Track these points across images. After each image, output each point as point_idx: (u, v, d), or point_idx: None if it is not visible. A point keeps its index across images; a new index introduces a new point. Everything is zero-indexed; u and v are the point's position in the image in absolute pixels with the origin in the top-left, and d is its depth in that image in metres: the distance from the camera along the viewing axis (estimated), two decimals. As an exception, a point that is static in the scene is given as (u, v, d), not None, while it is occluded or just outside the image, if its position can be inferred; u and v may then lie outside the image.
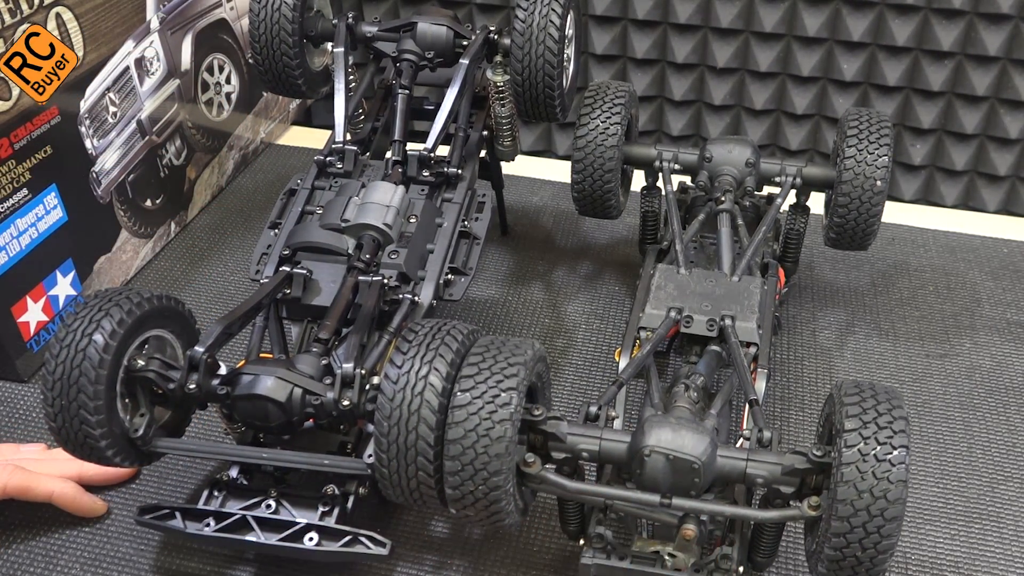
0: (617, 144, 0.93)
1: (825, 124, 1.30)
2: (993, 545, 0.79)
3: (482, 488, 0.61)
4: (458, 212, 0.87)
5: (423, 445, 0.62)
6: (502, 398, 0.61)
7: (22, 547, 0.77)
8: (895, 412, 0.61)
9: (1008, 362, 0.97)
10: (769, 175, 0.95)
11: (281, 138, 1.35)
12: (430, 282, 0.81)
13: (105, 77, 0.97)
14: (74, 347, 0.65)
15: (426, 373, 0.63)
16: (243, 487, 0.72)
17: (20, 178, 0.88)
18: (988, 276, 1.09)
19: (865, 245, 0.95)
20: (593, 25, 1.29)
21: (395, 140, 0.91)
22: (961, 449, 0.88)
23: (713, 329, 0.80)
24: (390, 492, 0.66)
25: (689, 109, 1.33)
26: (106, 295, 0.68)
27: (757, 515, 0.63)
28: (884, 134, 0.91)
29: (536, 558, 0.78)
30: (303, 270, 0.80)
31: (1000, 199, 1.28)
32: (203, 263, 1.10)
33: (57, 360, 0.66)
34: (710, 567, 0.66)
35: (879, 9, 1.19)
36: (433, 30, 0.95)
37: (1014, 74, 1.19)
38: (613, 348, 0.98)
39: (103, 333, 0.65)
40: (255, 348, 0.77)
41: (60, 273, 0.94)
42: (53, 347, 0.66)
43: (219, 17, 1.15)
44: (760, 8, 1.22)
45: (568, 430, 0.66)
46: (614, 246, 1.13)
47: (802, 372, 0.96)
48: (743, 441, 0.71)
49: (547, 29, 0.91)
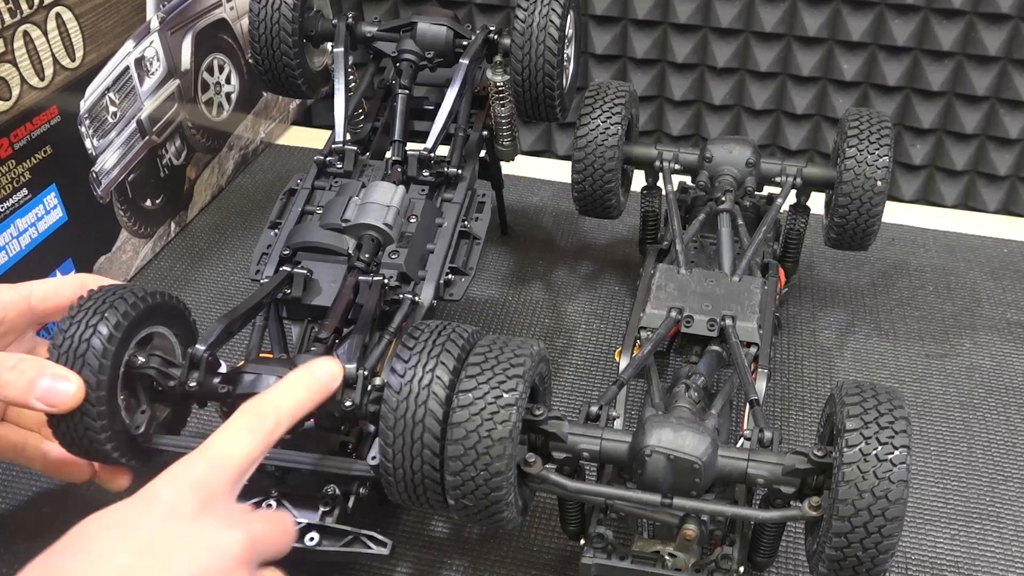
0: (617, 144, 0.93)
1: (825, 124, 1.30)
2: (993, 545, 0.79)
3: (483, 488, 0.61)
4: (458, 212, 0.87)
5: (428, 453, 0.63)
6: (504, 398, 0.61)
7: (21, 547, 0.77)
8: (896, 412, 0.61)
9: (1008, 362, 0.97)
10: (769, 175, 0.95)
11: (281, 138, 1.35)
12: (430, 282, 0.81)
13: (105, 77, 0.97)
14: (74, 344, 0.65)
15: (428, 382, 0.63)
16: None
17: (20, 178, 0.88)
18: (988, 276, 1.09)
19: (865, 245, 0.95)
20: (593, 25, 1.29)
21: (395, 140, 0.90)
22: (961, 449, 0.88)
23: (713, 329, 0.80)
24: (395, 495, 0.66)
25: (689, 109, 1.33)
26: (105, 292, 0.68)
27: (758, 515, 0.63)
28: (884, 134, 0.91)
29: (536, 558, 0.78)
30: (303, 270, 0.80)
31: (1000, 199, 1.28)
32: (203, 263, 1.10)
33: (58, 358, 0.66)
34: (710, 567, 0.66)
35: (879, 9, 1.19)
36: (433, 30, 0.95)
37: (1014, 74, 1.19)
38: (613, 348, 0.98)
39: (103, 330, 0.65)
40: (255, 348, 0.77)
41: (60, 273, 0.94)
42: (53, 345, 0.66)
43: (219, 17, 1.15)
44: (760, 8, 1.22)
45: (569, 430, 0.66)
46: (614, 246, 1.13)
47: (802, 372, 0.96)
48: (744, 441, 0.71)
49: (547, 29, 0.91)
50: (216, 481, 0.56)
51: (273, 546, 0.59)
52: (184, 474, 0.55)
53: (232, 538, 0.54)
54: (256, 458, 0.59)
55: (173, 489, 0.54)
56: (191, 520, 0.53)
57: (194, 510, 0.54)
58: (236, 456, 0.57)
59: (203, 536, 0.53)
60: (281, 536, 0.60)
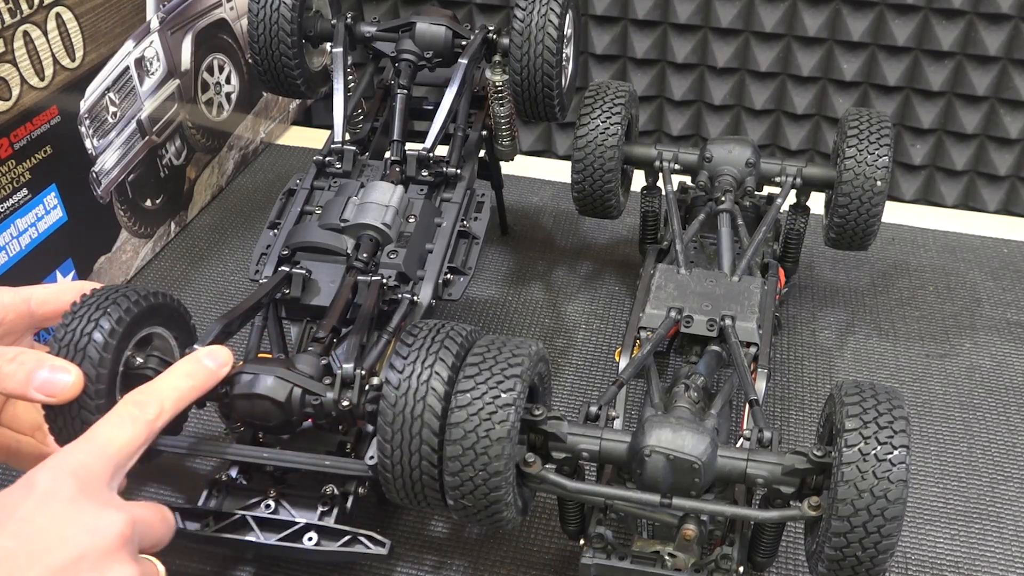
0: (617, 144, 0.93)
1: (825, 124, 1.30)
2: (993, 545, 0.79)
3: (482, 488, 0.61)
4: (457, 212, 0.87)
5: (427, 450, 0.63)
6: (502, 398, 0.61)
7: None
8: (895, 412, 0.61)
9: (1008, 362, 0.97)
10: (769, 175, 0.95)
11: (281, 138, 1.35)
12: (429, 282, 0.81)
13: (105, 77, 0.97)
14: (74, 344, 0.65)
15: (427, 379, 0.63)
16: (242, 487, 0.72)
17: (20, 178, 0.88)
18: (988, 276, 1.09)
19: (865, 245, 0.94)
20: (593, 25, 1.29)
21: (394, 140, 0.90)
22: (961, 449, 0.88)
23: (713, 329, 0.80)
24: (394, 494, 0.66)
25: (689, 109, 1.33)
26: (104, 292, 0.68)
27: (757, 515, 0.63)
28: (884, 134, 0.91)
29: (536, 558, 0.78)
30: (302, 270, 0.80)
31: (1000, 199, 1.28)
32: (203, 263, 1.10)
33: (59, 351, 0.66)
34: (710, 567, 0.66)
35: (879, 9, 1.19)
36: (432, 30, 0.95)
37: (1014, 74, 1.19)
38: (613, 348, 0.98)
39: (102, 330, 0.65)
40: (254, 348, 0.77)
41: (60, 273, 0.94)
42: (53, 344, 0.66)
43: (219, 17, 1.15)
44: (760, 8, 1.22)
45: (568, 430, 0.65)
46: (614, 246, 1.13)
47: (802, 372, 0.96)
48: (743, 441, 0.70)
49: (546, 29, 0.91)
50: (96, 467, 0.57)
51: (153, 532, 0.60)
52: (64, 460, 0.57)
53: (111, 519, 0.55)
54: (138, 446, 0.60)
55: (52, 475, 0.55)
56: (69, 503, 0.54)
57: (72, 494, 0.55)
58: (116, 443, 0.59)
59: (82, 518, 0.54)
60: (160, 523, 0.61)
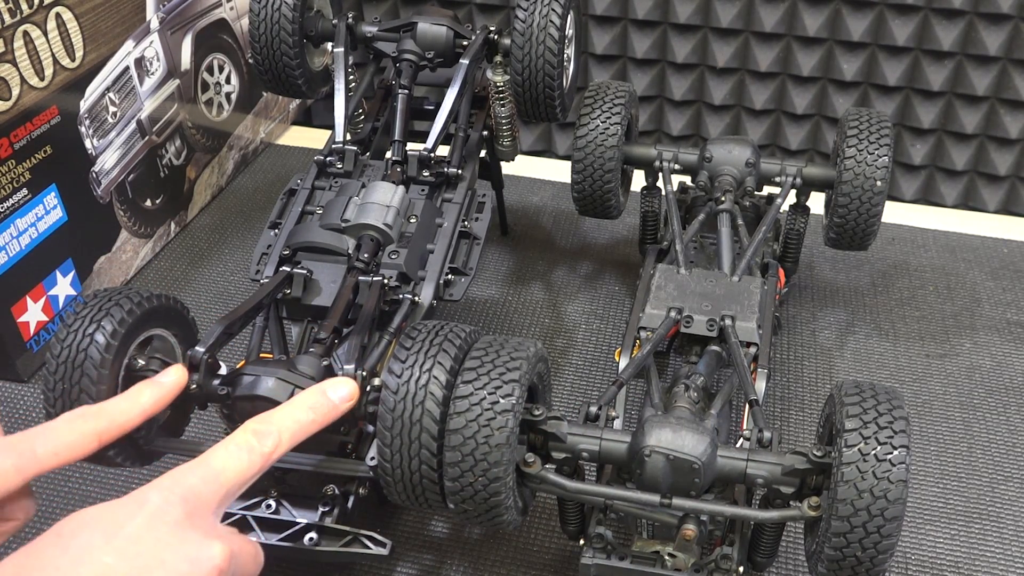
0: (617, 144, 0.93)
1: (825, 124, 1.30)
2: (993, 545, 0.79)
3: (482, 489, 0.62)
4: (458, 212, 0.87)
5: (426, 454, 0.63)
6: (501, 403, 0.61)
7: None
8: (895, 412, 0.61)
9: (1008, 362, 0.97)
10: (769, 175, 0.95)
11: (281, 138, 1.35)
12: (430, 282, 0.81)
13: (105, 77, 0.97)
14: (76, 347, 0.65)
15: (426, 383, 0.63)
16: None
17: (20, 178, 0.88)
18: (988, 276, 1.09)
19: (865, 245, 0.95)
20: (593, 25, 1.29)
21: (395, 140, 0.90)
22: (961, 449, 0.88)
23: (713, 329, 0.80)
24: (394, 496, 0.66)
25: (689, 109, 1.33)
26: (106, 295, 0.68)
27: (757, 515, 0.63)
28: (884, 134, 0.91)
29: (536, 558, 0.78)
30: (303, 270, 0.79)
31: (1000, 199, 1.28)
32: (203, 263, 1.10)
33: (59, 360, 0.66)
34: (710, 567, 0.66)
35: (879, 9, 1.19)
36: (433, 30, 0.95)
37: (1014, 74, 1.19)
38: (613, 348, 0.98)
39: (104, 332, 0.65)
40: (255, 348, 0.77)
41: (60, 273, 0.94)
42: (54, 347, 0.66)
43: (219, 17, 1.15)
44: (760, 8, 1.22)
45: (568, 430, 0.66)
46: (614, 246, 1.13)
47: (802, 372, 0.96)
48: (743, 441, 0.70)
49: (547, 29, 0.91)
50: (206, 494, 0.56)
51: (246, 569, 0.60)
52: (176, 483, 0.56)
53: (212, 551, 0.54)
54: (251, 477, 0.59)
55: (163, 496, 0.55)
56: (175, 528, 0.54)
57: (179, 519, 0.54)
58: (230, 472, 0.58)
59: (184, 546, 0.54)
60: (252, 560, 0.61)
